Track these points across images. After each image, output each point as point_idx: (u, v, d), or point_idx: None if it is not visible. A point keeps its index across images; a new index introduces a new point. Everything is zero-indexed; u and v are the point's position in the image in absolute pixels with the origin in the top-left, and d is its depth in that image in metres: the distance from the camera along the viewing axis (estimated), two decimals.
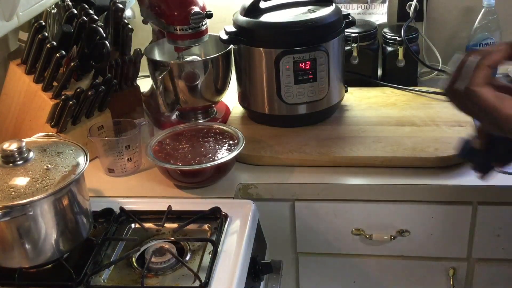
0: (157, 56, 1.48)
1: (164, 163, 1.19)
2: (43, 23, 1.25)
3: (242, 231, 1.07)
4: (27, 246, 0.95)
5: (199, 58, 1.47)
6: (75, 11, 1.31)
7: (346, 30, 1.44)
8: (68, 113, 1.24)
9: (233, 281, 0.95)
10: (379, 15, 1.69)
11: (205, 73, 1.40)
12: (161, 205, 1.13)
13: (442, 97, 1.48)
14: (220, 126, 1.31)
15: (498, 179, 1.13)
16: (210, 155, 1.21)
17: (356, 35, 1.55)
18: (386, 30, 1.62)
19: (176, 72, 1.38)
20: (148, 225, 1.10)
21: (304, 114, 1.39)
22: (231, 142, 1.25)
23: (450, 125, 1.35)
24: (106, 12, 1.47)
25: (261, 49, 1.33)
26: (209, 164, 1.18)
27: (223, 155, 1.21)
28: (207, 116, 1.49)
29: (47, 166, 0.96)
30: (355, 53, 1.56)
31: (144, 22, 1.49)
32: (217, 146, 1.25)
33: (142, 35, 1.62)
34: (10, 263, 0.97)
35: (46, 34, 1.23)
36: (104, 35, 1.29)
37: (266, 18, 1.36)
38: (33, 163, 0.96)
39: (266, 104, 1.39)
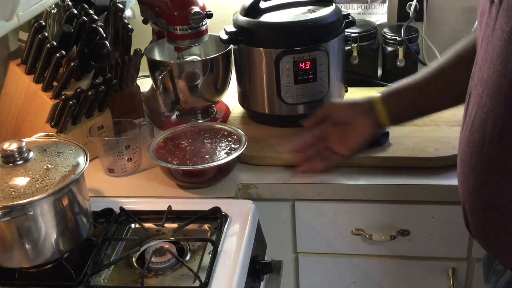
0: (157, 56, 1.48)
1: (167, 163, 1.19)
2: (43, 23, 1.24)
3: (242, 231, 1.07)
4: (27, 246, 0.95)
5: (199, 58, 1.47)
6: (75, 11, 1.31)
7: (346, 30, 1.44)
8: (68, 113, 1.24)
9: (233, 281, 0.95)
10: (379, 15, 1.69)
11: (205, 73, 1.40)
12: (161, 205, 1.13)
13: None
14: (221, 126, 1.31)
15: None
16: (212, 155, 1.21)
17: (356, 35, 1.54)
18: (386, 30, 1.62)
19: (176, 72, 1.38)
20: (148, 225, 1.10)
21: (304, 114, 1.38)
22: (232, 142, 1.25)
23: (450, 125, 1.35)
24: (106, 12, 1.46)
25: (261, 49, 1.33)
26: (212, 164, 1.18)
27: (225, 155, 1.21)
28: (207, 116, 1.49)
29: (47, 166, 0.96)
30: (355, 53, 1.56)
31: (144, 22, 1.49)
32: (219, 146, 1.25)
33: (142, 35, 1.62)
34: (10, 263, 0.97)
35: (46, 34, 1.23)
36: (104, 35, 1.29)
37: (266, 18, 1.36)
38: (33, 163, 0.96)
39: (266, 104, 1.39)
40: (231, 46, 1.41)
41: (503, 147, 0.81)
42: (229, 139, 1.26)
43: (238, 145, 1.23)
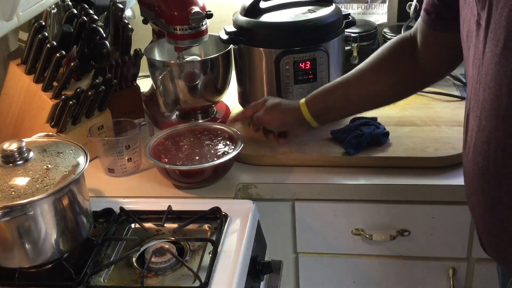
0: (157, 56, 1.48)
1: (163, 164, 1.19)
2: (43, 23, 1.25)
3: (242, 231, 1.07)
4: (27, 246, 0.95)
5: (199, 58, 1.47)
6: (75, 11, 1.31)
7: (346, 30, 1.44)
8: (68, 113, 1.24)
9: (233, 281, 0.95)
10: (379, 15, 1.69)
11: (205, 73, 1.40)
12: (161, 205, 1.13)
13: (442, 97, 1.48)
14: (220, 126, 1.31)
15: None
16: (209, 155, 1.21)
17: (356, 35, 1.55)
18: (386, 30, 1.62)
19: (176, 72, 1.38)
20: (148, 225, 1.10)
21: None
22: (230, 142, 1.25)
23: (450, 125, 1.35)
24: (106, 12, 1.47)
25: (261, 49, 1.34)
26: (208, 165, 1.18)
27: (222, 156, 1.21)
28: (207, 116, 1.49)
29: (47, 166, 0.96)
30: (355, 53, 1.56)
31: (144, 22, 1.49)
32: (216, 147, 1.25)
33: (142, 35, 1.62)
34: (10, 263, 0.97)
35: (46, 34, 1.23)
36: (104, 35, 1.29)
37: (266, 18, 1.36)
38: (33, 163, 0.96)
39: None
40: (231, 46, 1.41)
41: (509, 167, 0.81)
42: (228, 139, 1.26)
43: (236, 146, 1.23)
